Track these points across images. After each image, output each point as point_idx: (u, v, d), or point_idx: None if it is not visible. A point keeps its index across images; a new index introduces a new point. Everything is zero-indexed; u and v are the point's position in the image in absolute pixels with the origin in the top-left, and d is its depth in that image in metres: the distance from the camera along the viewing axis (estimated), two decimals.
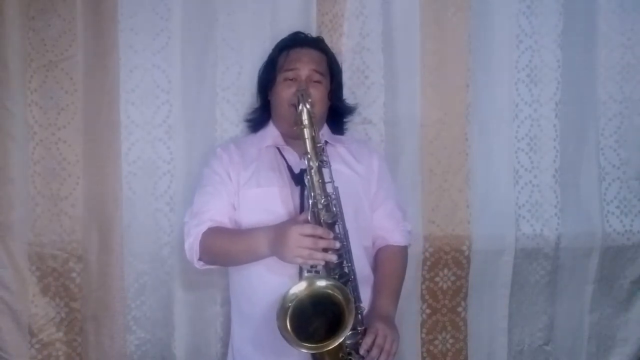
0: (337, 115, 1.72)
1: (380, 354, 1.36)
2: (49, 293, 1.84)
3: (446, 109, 1.93)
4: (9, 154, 1.79)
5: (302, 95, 1.38)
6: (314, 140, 1.36)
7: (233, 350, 1.59)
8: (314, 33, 1.84)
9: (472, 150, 1.94)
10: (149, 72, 1.83)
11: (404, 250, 1.65)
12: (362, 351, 1.35)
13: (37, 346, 1.84)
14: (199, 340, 1.87)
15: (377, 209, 1.61)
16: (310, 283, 1.32)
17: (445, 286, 1.96)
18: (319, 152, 1.37)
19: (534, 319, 2.04)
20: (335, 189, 1.40)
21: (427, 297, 1.97)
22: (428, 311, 1.97)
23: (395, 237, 1.62)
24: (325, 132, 1.63)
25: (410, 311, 1.92)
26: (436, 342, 1.99)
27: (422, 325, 1.97)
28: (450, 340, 1.99)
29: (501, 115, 1.96)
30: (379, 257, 1.60)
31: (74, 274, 1.84)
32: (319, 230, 1.31)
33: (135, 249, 1.83)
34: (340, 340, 1.27)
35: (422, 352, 1.97)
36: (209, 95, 1.86)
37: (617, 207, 2.05)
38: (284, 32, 1.83)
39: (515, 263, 1.98)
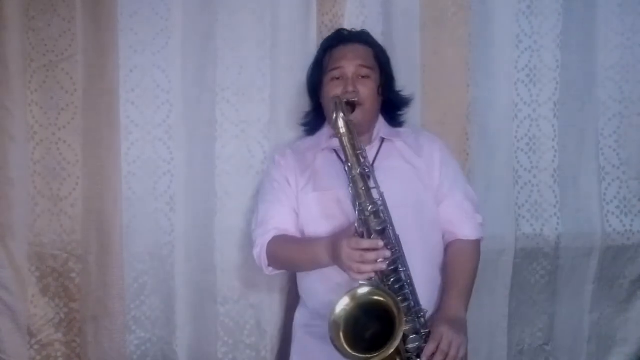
0: (393, 107, 1.68)
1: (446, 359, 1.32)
2: (49, 293, 1.83)
3: (446, 109, 1.93)
4: (9, 154, 1.78)
5: (336, 104, 1.36)
6: (354, 147, 1.34)
7: (295, 344, 1.61)
8: (314, 33, 1.85)
9: (473, 150, 1.94)
10: (149, 72, 1.82)
11: (475, 245, 1.57)
12: (424, 358, 1.31)
13: (36, 347, 1.83)
14: (200, 340, 1.87)
15: (443, 201, 1.55)
16: (353, 295, 1.28)
17: None
18: (360, 159, 1.34)
19: (534, 319, 2.04)
20: (381, 194, 1.36)
21: None
22: None
23: (465, 231, 1.55)
24: (382, 127, 1.61)
25: None
26: None
27: None
28: None
29: (501, 115, 1.97)
30: (448, 254, 1.55)
31: (73, 274, 1.83)
32: (365, 243, 1.29)
33: (135, 249, 1.83)
34: (392, 349, 1.22)
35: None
36: (209, 95, 1.86)
37: (617, 207, 2.06)
38: (284, 32, 1.85)
39: (515, 263, 1.98)
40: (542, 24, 1.97)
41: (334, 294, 1.33)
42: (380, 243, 1.29)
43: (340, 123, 1.34)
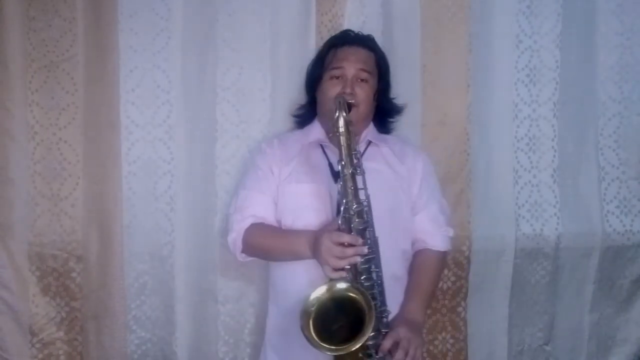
0: (384, 114, 1.72)
1: (406, 357, 1.36)
2: (50, 293, 1.84)
3: (446, 109, 1.93)
4: (9, 154, 1.79)
5: (340, 103, 1.39)
6: (349, 147, 1.37)
7: (266, 343, 1.62)
8: (313, 33, 1.85)
9: (473, 150, 1.94)
10: (149, 72, 1.83)
11: (442, 256, 1.64)
12: (380, 354, 1.35)
13: (37, 346, 1.84)
14: (200, 339, 1.87)
15: (420, 211, 1.61)
16: (330, 286, 1.33)
17: (445, 286, 1.96)
18: (354, 160, 1.38)
19: (534, 319, 2.04)
20: (367, 196, 1.40)
21: None
22: (428, 311, 1.96)
23: (435, 242, 1.61)
24: (370, 131, 1.64)
25: None
26: (436, 342, 1.99)
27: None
28: (451, 341, 1.98)
29: (501, 115, 1.97)
30: (415, 261, 1.60)
31: (74, 274, 1.84)
32: (346, 237, 1.33)
33: (135, 249, 1.84)
34: (360, 344, 1.27)
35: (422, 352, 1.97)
36: (209, 95, 1.86)
37: (617, 207, 2.06)
38: (284, 32, 1.85)
39: (516, 263, 1.98)
40: (542, 24, 1.97)
41: (305, 291, 1.35)
42: (360, 240, 1.34)
43: (341, 122, 1.37)
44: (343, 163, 1.37)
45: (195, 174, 1.86)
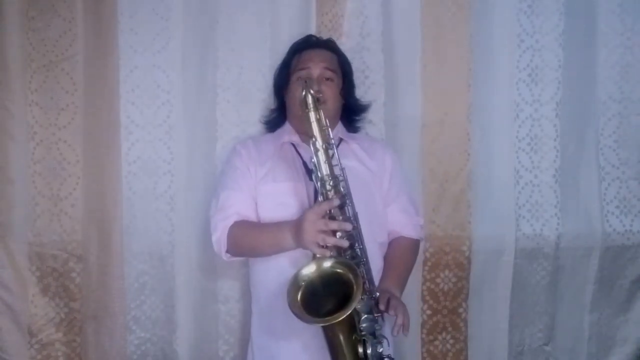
0: (350, 113, 1.76)
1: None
2: (49, 293, 1.84)
3: (447, 108, 1.93)
4: (9, 154, 1.79)
5: (305, 82, 1.43)
6: (319, 122, 1.39)
7: (252, 343, 1.61)
8: (313, 33, 1.84)
9: (474, 150, 1.94)
10: (149, 72, 1.83)
11: (415, 243, 1.68)
12: (382, 306, 1.38)
13: (36, 346, 1.84)
14: (201, 338, 1.88)
15: (390, 204, 1.64)
16: (319, 265, 1.33)
17: (446, 287, 1.96)
18: (325, 135, 1.39)
19: (534, 319, 2.03)
20: (342, 170, 1.41)
21: (427, 297, 1.97)
22: (429, 312, 1.97)
23: (408, 231, 1.65)
24: (339, 129, 1.67)
25: (410, 311, 1.89)
26: (436, 342, 1.99)
27: (423, 325, 1.97)
28: (451, 341, 1.99)
29: (502, 115, 1.96)
30: (390, 247, 1.63)
31: (73, 274, 1.84)
32: (326, 204, 1.34)
33: (135, 249, 1.84)
34: (350, 310, 1.25)
35: (422, 353, 1.97)
36: (210, 95, 1.87)
37: (617, 207, 2.05)
38: (284, 32, 1.85)
39: (516, 263, 1.98)
40: (544, 23, 1.96)
41: (284, 285, 1.34)
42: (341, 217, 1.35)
43: (309, 99, 1.39)
44: (314, 139, 1.38)
45: (195, 174, 1.86)
